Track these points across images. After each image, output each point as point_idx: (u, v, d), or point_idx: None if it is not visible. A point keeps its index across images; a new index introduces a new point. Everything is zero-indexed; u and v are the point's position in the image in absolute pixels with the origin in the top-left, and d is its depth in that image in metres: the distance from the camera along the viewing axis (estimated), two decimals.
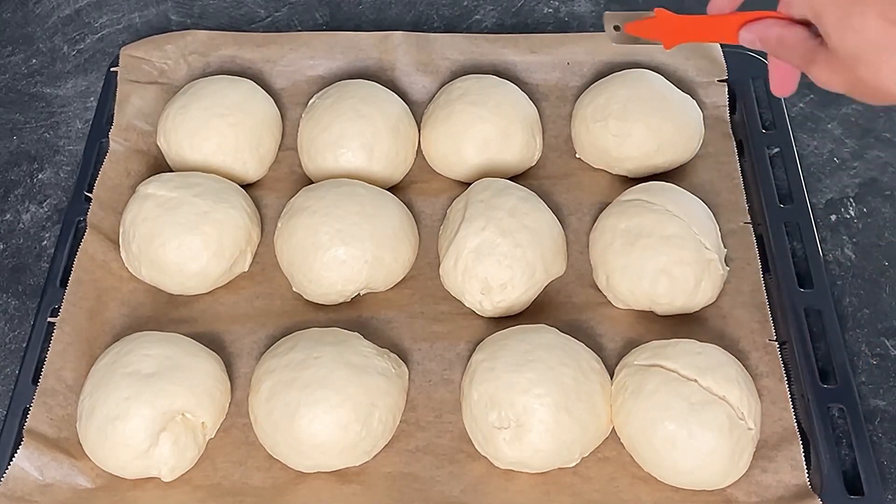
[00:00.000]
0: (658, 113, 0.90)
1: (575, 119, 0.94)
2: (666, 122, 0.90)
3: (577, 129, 0.94)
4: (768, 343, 0.80)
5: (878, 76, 0.58)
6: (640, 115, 0.89)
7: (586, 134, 0.92)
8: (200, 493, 0.74)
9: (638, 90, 0.91)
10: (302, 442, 0.73)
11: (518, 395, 0.72)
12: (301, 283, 0.84)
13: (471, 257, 0.81)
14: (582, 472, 0.74)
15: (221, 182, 0.88)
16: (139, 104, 0.97)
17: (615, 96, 0.91)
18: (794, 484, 0.72)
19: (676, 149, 0.91)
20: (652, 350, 0.76)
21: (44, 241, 0.93)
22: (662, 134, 0.89)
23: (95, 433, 0.74)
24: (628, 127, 0.89)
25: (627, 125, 0.89)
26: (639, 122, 0.89)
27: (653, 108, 0.90)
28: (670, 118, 0.90)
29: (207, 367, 0.77)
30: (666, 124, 0.90)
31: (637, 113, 0.89)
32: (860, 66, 0.59)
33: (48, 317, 0.83)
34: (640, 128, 0.89)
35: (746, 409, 0.72)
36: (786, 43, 0.65)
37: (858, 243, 0.89)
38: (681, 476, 0.72)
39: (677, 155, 0.91)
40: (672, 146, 0.90)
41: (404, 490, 0.74)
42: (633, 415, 0.73)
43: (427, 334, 0.83)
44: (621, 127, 0.89)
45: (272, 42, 1.01)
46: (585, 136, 0.92)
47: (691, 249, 0.80)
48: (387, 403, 0.75)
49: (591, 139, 0.92)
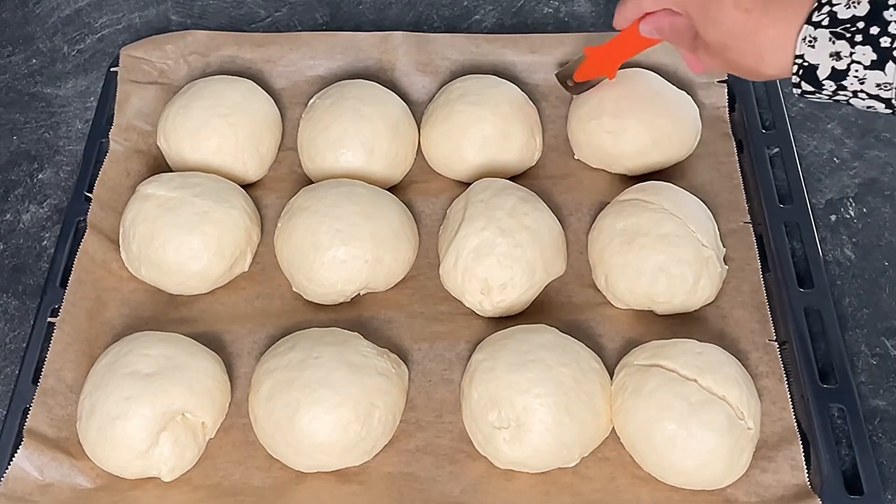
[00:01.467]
0: (651, 108, 0.90)
1: (571, 119, 0.94)
2: (659, 117, 0.90)
3: (573, 129, 0.94)
4: (768, 343, 0.80)
5: (744, 59, 0.66)
6: (634, 112, 0.90)
7: (582, 133, 0.92)
8: (200, 493, 0.74)
9: (631, 87, 0.91)
10: (302, 442, 0.73)
11: (518, 395, 0.72)
12: (301, 283, 0.84)
13: (471, 257, 0.81)
14: (582, 472, 0.74)
15: (221, 182, 0.88)
16: (139, 104, 0.97)
17: (608, 94, 0.91)
18: (794, 484, 0.72)
19: (673, 144, 0.91)
20: (652, 350, 0.76)
21: (44, 241, 0.93)
22: (657, 129, 0.90)
23: (95, 433, 0.74)
24: (622, 123, 0.90)
25: (621, 121, 0.90)
26: (632, 118, 0.90)
27: (646, 104, 0.90)
28: (664, 114, 0.90)
29: (207, 367, 0.77)
30: (660, 119, 0.90)
31: (630, 109, 0.90)
32: (727, 52, 0.67)
33: (48, 317, 0.83)
34: (634, 123, 0.89)
35: (746, 409, 0.72)
36: (676, 30, 0.73)
37: (858, 243, 0.89)
38: (681, 476, 0.72)
39: (674, 150, 0.91)
40: (668, 141, 0.90)
41: (404, 490, 0.74)
42: (633, 415, 0.73)
43: (427, 334, 0.83)
44: (615, 123, 0.90)
45: (272, 42, 1.02)
46: (581, 134, 0.92)
47: (689, 247, 0.80)
48: (387, 403, 0.75)
49: (587, 138, 0.92)
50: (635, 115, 0.90)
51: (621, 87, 0.91)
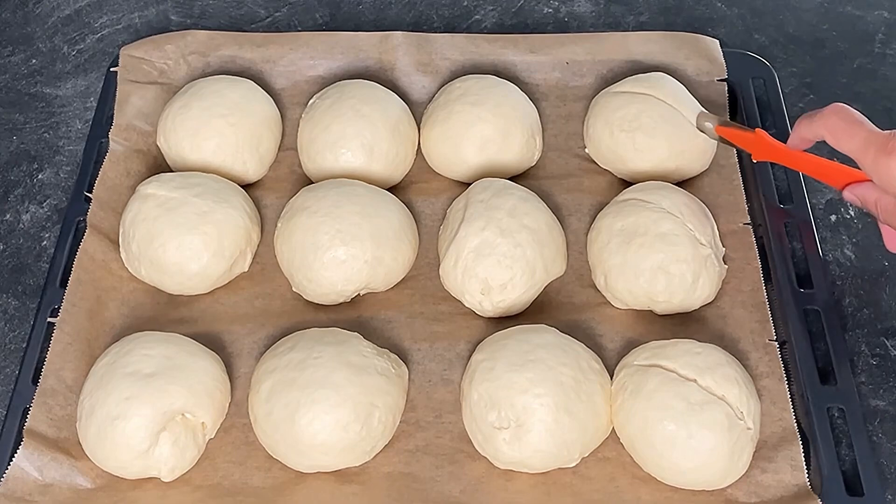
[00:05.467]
0: (682, 131, 0.89)
1: (597, 120, 0.93)
2: (688, 141, 0.89)
3: (598, 132, 0.92)
4: (768, 343, 0.80)
5: None
6: (667, 133, 0.89)
7: (609, 139, 0.91)
8: (200, 494, 0.74)
9: (668, 106, 0.90)
10: (302, 442, 0.73)
11: (518, 395, 0.72)
12: (301, 283, 0.84)
13: (471, 257, 0.81)
14: (582, 473, 0.75)
15: (221, 182, 0.88)
16: (139, 104, 0.97)
17: (646, 109, 0.90)
18: (794, 484, 0.73)
19: (692, 165, 0.91)
20: (651, 350, 0.76)
21: (44, 241, 0.93)
22: (684, 155, 0.89)
23: (95, 433, 0.74)
24: (655, 143, 0.89)
25: (654, 141, 0.89)
26: (665, 141, 0.89)
27: (679, 126, 0.89)
28: (693, 137, 0.89)
29: (208, 368, 0.77)
30: (688, 144, 0.89)
31: (664, 130, 0.89)
32: None
33: (48, 317, 0.83)
34: (665, 146, 0.89)
35: (745, 409, 0.72)
36: (885, 209, 0.70)
37: (858, 243, 0.89)
38: (680, 476, 0.72)
39: (689, 169, 0.91)
40: (689, 163, 0.90)
41: (404, 490, 0.74)
42: (633, 415, 0.73)
43: (427, 334, 0.83)
44: (648, 143, 0.89)
45: (272, 42, 1.02)
46: (608, 140, 0.91)
47: (687, 246, 0.80)
48: (387, 403, 0.75)
49: (612, 145, 0.91)
50: (667, 137, 0.89)
51: (659, 105, 0.90)
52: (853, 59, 1.05)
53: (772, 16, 1.10)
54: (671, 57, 0.99)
